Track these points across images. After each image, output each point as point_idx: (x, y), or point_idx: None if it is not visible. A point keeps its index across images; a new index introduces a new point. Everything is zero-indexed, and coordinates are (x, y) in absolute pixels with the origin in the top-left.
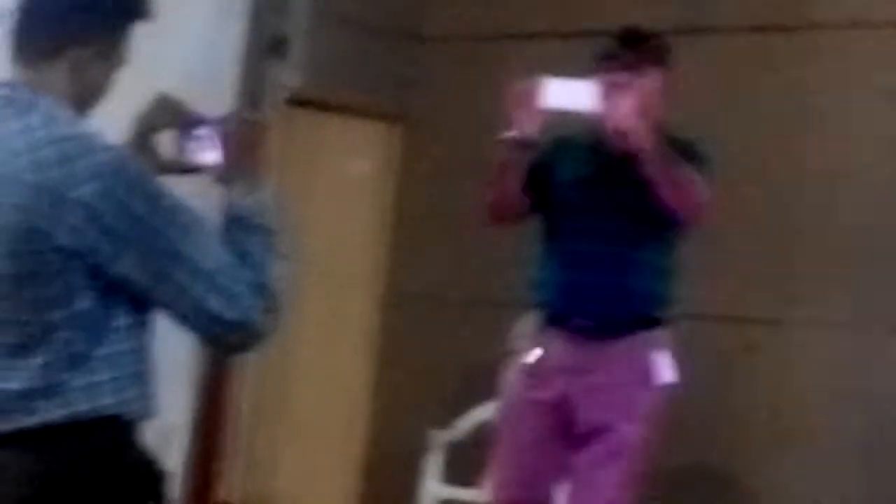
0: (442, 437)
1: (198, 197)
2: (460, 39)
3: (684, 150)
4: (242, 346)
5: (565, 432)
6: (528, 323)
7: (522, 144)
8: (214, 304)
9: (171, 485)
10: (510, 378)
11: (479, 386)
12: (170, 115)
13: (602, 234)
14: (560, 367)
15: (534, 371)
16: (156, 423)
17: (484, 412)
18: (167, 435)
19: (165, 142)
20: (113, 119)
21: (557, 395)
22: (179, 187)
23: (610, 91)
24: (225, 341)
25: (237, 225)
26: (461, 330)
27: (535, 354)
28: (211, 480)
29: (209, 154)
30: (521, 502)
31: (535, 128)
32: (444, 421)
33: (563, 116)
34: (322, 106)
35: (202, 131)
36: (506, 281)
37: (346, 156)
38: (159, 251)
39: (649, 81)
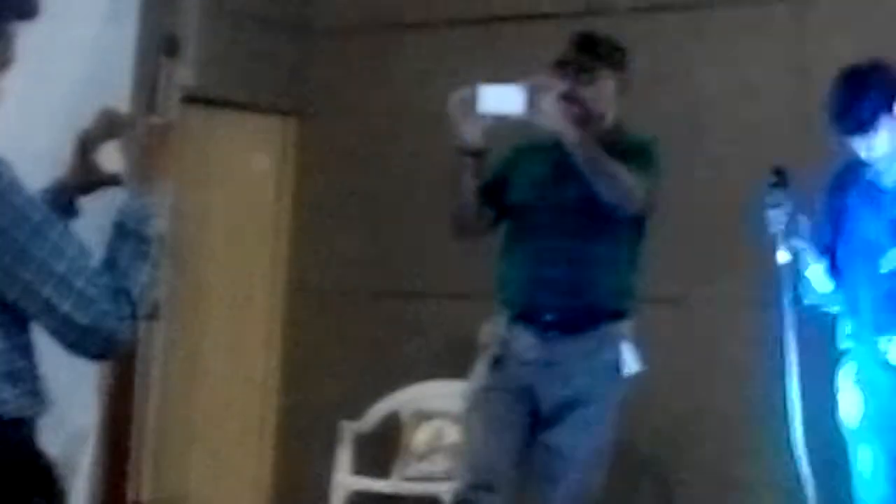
0: (351, 429)
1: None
2: (352, 31)
3: (634, 149)
4: (98, 353)
5: (529, 418)
6: (495, 319)
7: (468, 152)
8: (66, 306)
9: (62, 481)
10: (478, 371)
11: (387, 376)
12: (112, 128)
13: (561, 230)
14: (526, 361)
15: (499, 364)
16: (66, 424)
17: (392, 403)
18: (77, 436)
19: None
20: (4, 124)
21: (523, 385)
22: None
23: (539, 93)
24: (80, 346)
25: (115, 230)
26: (366, 320)
27: (498, 349)
28: (120, 480)
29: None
30: (484, 485)
31: (478, 134)
32: (353, 413)
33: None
34: (217, 103)
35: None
36: (407, 270)
37: (243, 151)
38: (6, 251)
39: (602, 84)
